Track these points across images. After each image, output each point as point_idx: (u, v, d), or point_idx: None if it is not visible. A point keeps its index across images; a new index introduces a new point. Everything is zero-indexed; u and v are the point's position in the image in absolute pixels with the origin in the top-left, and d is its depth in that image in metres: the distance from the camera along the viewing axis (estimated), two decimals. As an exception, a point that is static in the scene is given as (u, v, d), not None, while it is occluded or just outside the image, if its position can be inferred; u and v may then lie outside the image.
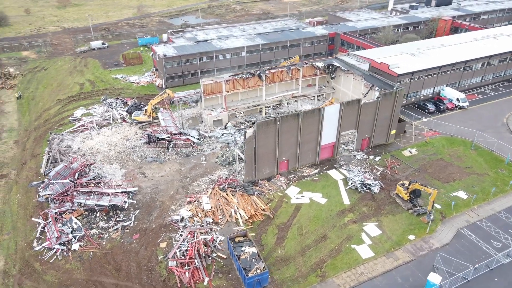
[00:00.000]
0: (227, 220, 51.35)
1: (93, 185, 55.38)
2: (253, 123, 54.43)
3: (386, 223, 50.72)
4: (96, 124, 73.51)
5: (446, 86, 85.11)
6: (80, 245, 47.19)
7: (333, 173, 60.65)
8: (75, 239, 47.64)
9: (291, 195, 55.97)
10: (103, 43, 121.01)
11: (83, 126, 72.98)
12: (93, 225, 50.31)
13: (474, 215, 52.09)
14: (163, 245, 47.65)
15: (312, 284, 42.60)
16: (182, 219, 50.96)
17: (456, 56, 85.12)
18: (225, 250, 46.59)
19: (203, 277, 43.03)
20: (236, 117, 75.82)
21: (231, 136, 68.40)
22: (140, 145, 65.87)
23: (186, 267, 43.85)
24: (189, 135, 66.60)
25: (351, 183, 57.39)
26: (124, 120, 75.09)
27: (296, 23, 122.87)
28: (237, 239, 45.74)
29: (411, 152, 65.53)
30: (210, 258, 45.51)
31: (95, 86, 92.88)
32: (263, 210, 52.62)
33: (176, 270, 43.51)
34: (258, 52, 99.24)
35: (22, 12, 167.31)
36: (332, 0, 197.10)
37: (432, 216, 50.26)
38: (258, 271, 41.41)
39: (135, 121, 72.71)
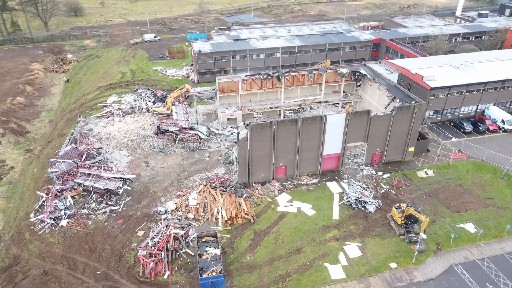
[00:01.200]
0: (208, 218, 51.46)
1: (96, 168, 58.93)
2: (247, 125, 53.72)
3: (371, 246, 46.94)
4: (122, 112, 77.95)
5: (493, 105, 76.06)
6: (68, 222, 50.60)
7: (332, 185, 57.60)
8: (65, 215, 51.18)
9: (280, 202, 54.30)
10: (155, 36, 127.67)
11: (110, 112, 77.85)
12: (85, 205, 53.63)
13: (476, 252, 46.05)
14: (140, 233, 49.22)
15: (269, 297, 41.12)
16: (166, 211, 52.14)
17: (510, 72, 75.56)
18: (196, 247, 46.76)
19: (165, 271, 43.69)
20: (254, 117, 75.39)
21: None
22: (151, 135, 68.53)
23: (152, 258, 44.85)
24: (198, 130, 67.74)
25: (347, 198, 54.03)
26: (148, 111, 78.66)
27: (346, 27, 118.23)
28: (205, 238, 45.64)
29: (427, 174, 59.76)
30: (178, 253, 46.01)
31: (135, 75, 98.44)
32: (246, 213, 51.81)
33: (142, 259, 44.69)
34: (294, 54, 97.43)
35: (97, 4, 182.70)
36: (398, 4, 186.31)
37: (423, 246, 45.47)
38: (214, 273, 40.95)
39: (155, 112, 75.78)
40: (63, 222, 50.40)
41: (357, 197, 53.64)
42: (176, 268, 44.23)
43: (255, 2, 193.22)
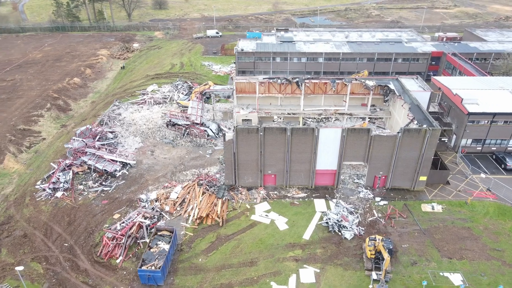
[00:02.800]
0: (181, 213, 52.29)
1: (104, 149, 63.69)
2: (234, 128, 53.02)
3: (329, 275, 43.11)
4: (154, 101, 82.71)
5: (556, 142, 63.55)
6: (63, 194, 55.78)
7: (319, 203, 53.99)
8: (62, 188, 56.46)
9: (258, 210, 52.70)
10: (217, 32, 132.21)
11: (143, 100, 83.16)
12: (84, 182, 58.46)
13: (449, 309, 39.39)
14: (116, 216, 52.09)
15: (200, 302, 40.49)
16: (146, 200, 54.29)
17: None
18: (150, 239, 47.82)
19: (119, 256, 45.70)
20: (273, 121, 74.02)
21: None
22: (164, 126, 71.62)
23: (113, 241, 47.22)
24: (208, 127, 68.82)
25: (326, 219, 50.21)
26: (177, 102, 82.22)
27: (413, 36, 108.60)
28: (161, 232, 46.54)
29: (433, 208, 52.51)
30: (138, 242, 47.65)
31: (182, 68, 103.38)
32: (218, 216, 51.42)
33: (105, 240, 47.33)
34: (338, 61, 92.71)
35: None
36: (495, 14, 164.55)
37: (384, 287, 40.33)
38: (153, 267, 41.65)
39: (179, 104, 78.87)
40: (58, 194, 55.69)
41: (337, 220, 49.53)
42: (130, 256, 45.97)
43: (333, 5, 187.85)
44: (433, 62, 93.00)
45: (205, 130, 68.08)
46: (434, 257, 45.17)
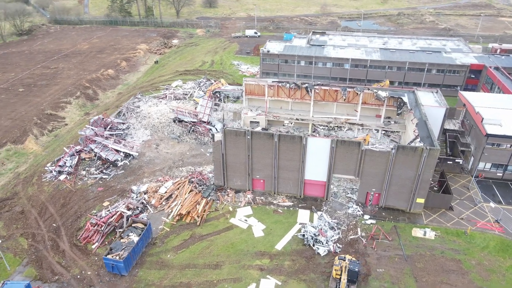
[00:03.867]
0: (164, 208, 53.47)
1: (112, 139, 66.94)
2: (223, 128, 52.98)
3: (289, 289, 41.67)
4: (174, 96, 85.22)
5: None
6: (65, 178, 59.66)
7: (303, 213, 52.22)
8: (66, 172, 60.39)
9: (239, 214, 52.28)
10: (255, 33, 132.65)
11: (164, 95, 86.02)
12: (87, 168, 62.01)
13: None
14: (106, 203, 54.62)
15: (155, 297, 41.17)
16: (137, 191, 56.24)
17: None
18: (123, 229, 49.30)
19: (95, 241, 47.91)
20: (283, 125, 72.94)
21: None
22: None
23: (94, 227, 49.59)
24: (213, 126, 69.46)
25: (303, 231, 48.43)
26: (193, 100, 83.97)
27: (460, 46, 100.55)
28: (135, 224, 47.96)
29: (425, 234, 48.40)
30: (117, 231, 49.53)
31: (212, 65, 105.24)
32: (198, 216, 51.83)
33: (87, 225, 49.88)
34: (365, 68, 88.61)
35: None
36: None
37: (339, 311, 38.12)
38: (117, 257, 43.11)
39: (195, 101, 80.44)
40: (62, 177, 59.66)
41: (314, 234, 47.57)
42: (106, 243, 47.98)
43: (386, 9, 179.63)
44: (472, 76, 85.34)
45: (210, 129, 68.80)
46: (408, 287, 41.70)
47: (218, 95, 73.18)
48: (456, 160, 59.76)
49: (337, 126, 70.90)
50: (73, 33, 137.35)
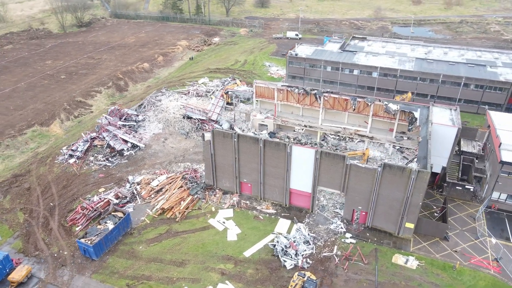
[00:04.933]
0: (151, 201, 55.10)
1: (124, 129, 70.27)
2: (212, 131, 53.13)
3: (243, 298, 40.83)
4: (196, 93, 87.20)
5: None
6: (74, 161, 63.93)
7: (283, 223, 50.76)
8: (76, 156, 64.66)
9: (219, 216, 52.25)
10: (296, 35, 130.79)
11: (188, 91, 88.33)
12: (95, 154, 65.85)
13: None
14: (101, 190, 57.64)
15: (114, 286, 42.61)
16: (132, 181, 58.60)
17: None
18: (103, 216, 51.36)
19: (80, 224, 50.81)
20: (294, 131, 71.50)
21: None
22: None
23: (83, 211, 52.60)
24: (220, 125, 69.97)
25: (275, 242, 47.06)
26: (212, 97, 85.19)
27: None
28: (116, 213, 49.99)
29: (406, 262, 44.56)
30: (102, 216, 52.08)
31: (244, 65, 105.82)
32: (179, 212, 52.68)
33: (78, 208, 53.02)
34: (395, 78, 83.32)
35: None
36: None
37: (283, 329, 36.57)
38: (89, 242, 45.35)
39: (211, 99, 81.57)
40: (71, 160, 64.07)
41: (285, 246, 46.01)
42: (90, 227, 50.65)
43: (447, 15, 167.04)
44: (517, 94, 76.53)
45: (216, 127, 69.35)
46: (369, 316, 38.83)
47: (232, 95, 73.60)
48: (466, 186, 54.07)
49: (347, 137, 67.92)
50: (126, 27, 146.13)
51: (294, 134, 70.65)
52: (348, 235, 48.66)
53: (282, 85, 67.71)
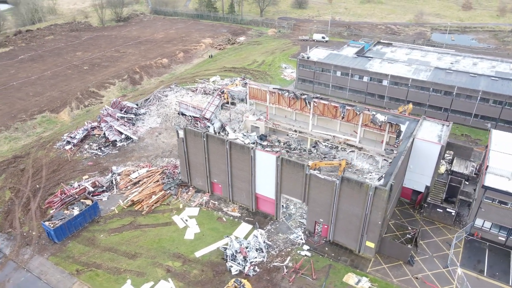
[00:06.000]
0: (125, 192, 56.74)
1: (121, 121, 72.93)
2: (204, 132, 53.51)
3: (179, 298, 40.81)
4: (204, 90, 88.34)
5: None
6: (70, 148, 67.53)
7: (244, 228, 50.01)
8: (73, 143, 68.25)
9: (184, 213, 52.62)
10: (323, 37, 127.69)
11: (196, 88, 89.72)
12: (90, 143, 69.09)
13: None
14: (85, 177, 60.37)
15: (65, 270, 44.50)
16: (114, 172, 60.77)
17: None
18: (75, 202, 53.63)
19: (54, 208, 53.61)
20: (287, 135, 70.10)
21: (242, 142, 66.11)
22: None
23: (62, 195, 55.41)
24: (212, 124, 70.22)
25: (227, 245, 46.45)
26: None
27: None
28: (84, 200, 52.10)
29: (357, 283, 42.01)
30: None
31: (260, 66, 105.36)
32: (147, 206, 53.75)
33: (57, 193, 55.93)
34: (406, 87, 78.52)
35: (325, 0, 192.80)
36: None
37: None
38: (51, 226, 47.74)
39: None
40: (67, 147, 67.75)
41: (235, 250, 45.27)
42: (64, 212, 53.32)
43: (497, 23, 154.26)
44: (541, 114, 68.95)
45: (208, 126, 69.78)
46: (298, 334, 37.12)
47: (227, 95, 73.64)
48: (448, 210, 49.70)
49: (338, 146, 65.23)
50: (160, 23, 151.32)
51: (286, 139, 69.16)
52: (305, 247, 46.86)
53: (273, 88, 66.52)
